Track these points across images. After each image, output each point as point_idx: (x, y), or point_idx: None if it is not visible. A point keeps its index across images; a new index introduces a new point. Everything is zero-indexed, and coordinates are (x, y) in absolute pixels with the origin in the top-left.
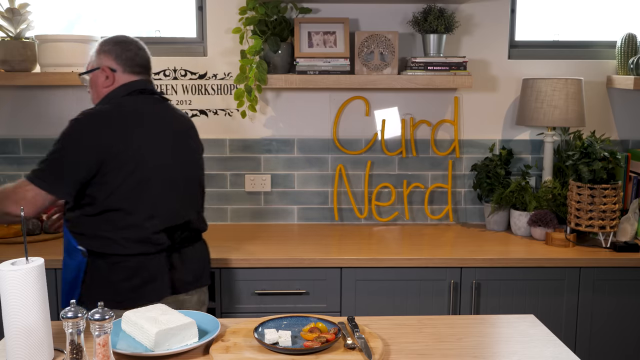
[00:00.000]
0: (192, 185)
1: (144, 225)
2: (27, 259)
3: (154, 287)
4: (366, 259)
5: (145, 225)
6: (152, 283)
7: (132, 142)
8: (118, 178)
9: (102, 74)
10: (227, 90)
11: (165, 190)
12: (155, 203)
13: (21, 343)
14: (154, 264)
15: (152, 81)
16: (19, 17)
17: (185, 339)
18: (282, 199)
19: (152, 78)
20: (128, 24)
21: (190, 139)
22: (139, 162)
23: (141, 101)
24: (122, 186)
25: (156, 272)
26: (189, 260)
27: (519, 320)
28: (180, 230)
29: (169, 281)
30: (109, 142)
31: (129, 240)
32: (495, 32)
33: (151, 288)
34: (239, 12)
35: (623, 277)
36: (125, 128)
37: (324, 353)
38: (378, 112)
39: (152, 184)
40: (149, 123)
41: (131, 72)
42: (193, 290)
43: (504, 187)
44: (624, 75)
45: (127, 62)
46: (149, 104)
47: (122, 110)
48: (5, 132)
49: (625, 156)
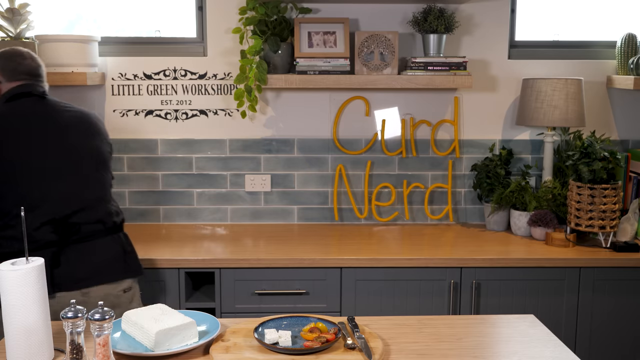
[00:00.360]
0: (81, 180)
1: (18, 222)
2: (27, 259)
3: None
4: (366, 259)
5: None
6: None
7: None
8: None
9: None
10: (227, 90)
11: (44, 185)
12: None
13: (21, 343)
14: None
15: (35, 84)
16: (19, 17)
17: (185, 339)
18: (282, 199)
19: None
20: (128, 24)
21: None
22: (12, 160)
23: (20, 104)
24: None
25: None
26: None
27: (519, 320)
28: (68, 226)
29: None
30: None
31: (7, 238)
32: (495, 32)
33: None
34: (239, 12)
35: (623, 277)
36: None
37: (324, 353)
38: (378, 112)
39: (29, 180)
40: (25, 122)
41: (15, 80)
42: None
43: (504, 187)
44: (624, 75)
45: (12, 73)
46: (26, 105)
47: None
48: None
49: (625, 156)
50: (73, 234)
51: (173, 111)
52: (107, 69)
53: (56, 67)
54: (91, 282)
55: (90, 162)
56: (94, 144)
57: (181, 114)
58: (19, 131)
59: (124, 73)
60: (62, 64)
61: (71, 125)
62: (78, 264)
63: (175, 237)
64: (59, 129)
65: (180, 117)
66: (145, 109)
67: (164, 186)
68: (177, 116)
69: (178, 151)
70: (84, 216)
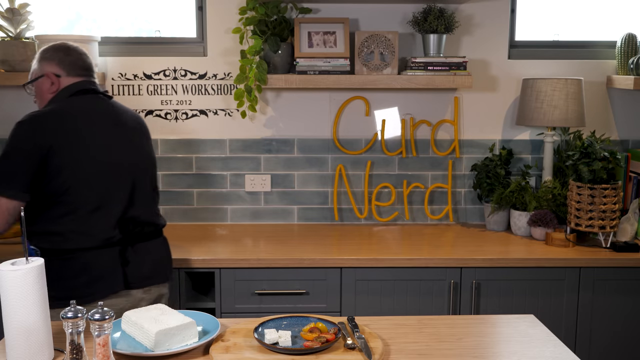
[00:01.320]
0: (142, 180)
1: (92, 220)
2: (27, 259)
3: (105, 282)
4: (366, 259)
5: (94, 220)
6: (103, 278)
7: (76, 139)
8: (64, 174)
9: (47, 80)
10: (227, 90)
11: (112, 184)
12: (102, 197)
13: (21, 343)
14: (105, 259)
15: (95, 82)
16: (19, 17)
17: (185, 339)
18: (282, 199)
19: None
20: (128, 24)
21: (138, 135)
22: (83, 158)
23: (85, 100)
24: (68, 182)
25: (108, 266)
26: (145, 256)
27: (519, 320)
28: (132, 225)
29: (122, 276)
30: (51, 141)
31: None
32: (495, 32)
33: (103, 283)
34: (239, 12)
35: (623, 277)
36: (68, 126)
37: (324, 353)
38: (378, 112)
39: (98, 178)
40: (92, 120)
41: (75, 75)
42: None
43: (504, 187)
44: (624, 75)
45: (71, 66)
46: (91, 102)
47: (65, 109)
48: (5, 132)
49: (625, 156)
50: (137, 233)
51: (173, 111)
52: (107, 69)
53: None
54: (154, 281)
55: (148, 163)
56: (149, 146)
57: (181, 114)
58: (89, 129)
59: (124, 73)
60: None
61: (132, 127)
62: (142, 262)
63: (175, 237)
64: (123, 130)
65: (180, 117)
66: (145, 109)
67: (164, 186)
68: (177, 116)
69: (178, 151)
70: (144, 216)
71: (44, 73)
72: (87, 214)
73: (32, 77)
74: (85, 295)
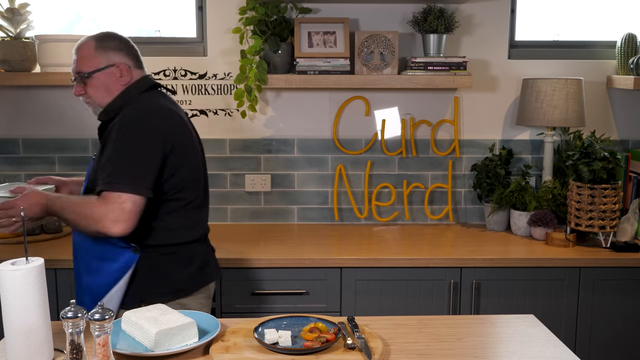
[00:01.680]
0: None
1: (197, 215)
2: (27, 259)
3: (208, 271)
4: (366, 259)
5: (199, 215)
6: (206, 267)
7: (187, 136)
8: (182, 172)
9: (117, 70)
10: (227, 90)
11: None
12: (204, 193)
13: (21, 343)
14: (204, 249)
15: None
16: (19, 17)
17: (185, 339)
18: (282, 199)
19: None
20: (128, 24)
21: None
22: (192, 155)
23: (165, 96)
24: (185, 179)
25: (207, 256)
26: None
27: (519, 320)
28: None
29: (216, 263)
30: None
31: (187, 229)
32: (495, 32)
33: (206, 272)
34: (239, 12)
35: (623, 277)
36: (181, 124)
37: (324, 353)
38: (378, 112)
39: (201, 174)
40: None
41: (140, 68)
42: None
43: (504, 187)
44: (624, 75)
45: (136, 57)
46: (169, 99)
47: (168, 106)
48: (5, 132)
49: (625, 156)
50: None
51: None
52: None
53: (56, 67)
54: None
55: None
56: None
57: None
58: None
59: None
60: (62, 64)
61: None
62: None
63: None
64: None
65: None
66: None
67: None
68: None
69: None
70: None
71: (114, 63)
72: (194, 210)
73: (95, 67)
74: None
